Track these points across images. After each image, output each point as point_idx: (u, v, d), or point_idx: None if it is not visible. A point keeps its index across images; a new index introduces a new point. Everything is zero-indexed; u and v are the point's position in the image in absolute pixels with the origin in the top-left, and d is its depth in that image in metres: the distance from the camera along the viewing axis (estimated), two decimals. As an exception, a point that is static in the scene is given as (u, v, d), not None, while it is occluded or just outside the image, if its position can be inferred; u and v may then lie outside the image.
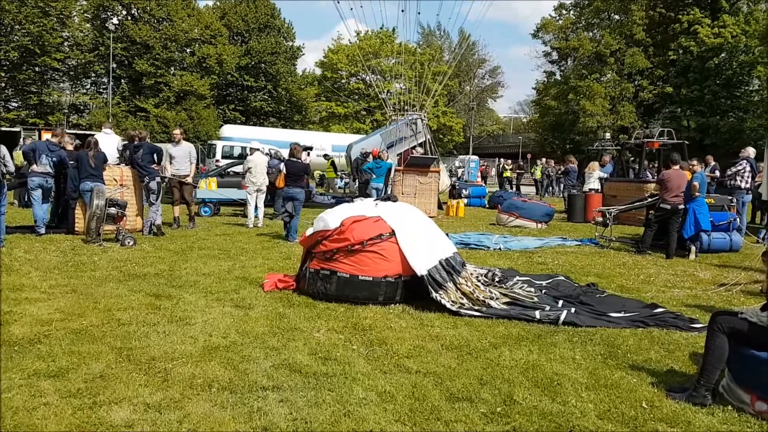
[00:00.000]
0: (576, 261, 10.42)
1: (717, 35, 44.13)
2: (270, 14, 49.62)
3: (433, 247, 6.81)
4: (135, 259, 9.11)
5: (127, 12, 43.72)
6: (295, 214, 11.73)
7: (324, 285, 6.77)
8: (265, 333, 5.53)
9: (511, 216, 15.57)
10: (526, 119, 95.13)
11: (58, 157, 11.50)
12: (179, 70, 44.79)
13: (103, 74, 44.53)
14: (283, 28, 50.77)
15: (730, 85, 45.04)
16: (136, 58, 42.30)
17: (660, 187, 11.46)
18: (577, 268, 9.67)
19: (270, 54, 47.86)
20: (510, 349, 5.18)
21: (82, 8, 43.14)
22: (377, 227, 6.74)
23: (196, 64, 44.43)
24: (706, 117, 44.74)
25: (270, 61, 48.04)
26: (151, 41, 41.85)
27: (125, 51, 42.56)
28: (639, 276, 9.16)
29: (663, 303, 7.09)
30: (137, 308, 6.25)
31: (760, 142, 43.59)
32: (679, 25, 45.87)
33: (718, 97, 45.19)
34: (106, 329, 5.49)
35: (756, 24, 44.26)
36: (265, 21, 49.08)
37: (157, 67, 42.52)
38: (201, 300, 6.72)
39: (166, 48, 42.87)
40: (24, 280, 7.42)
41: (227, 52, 45.08)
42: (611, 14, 52.27)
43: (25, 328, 5.42)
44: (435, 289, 6.41)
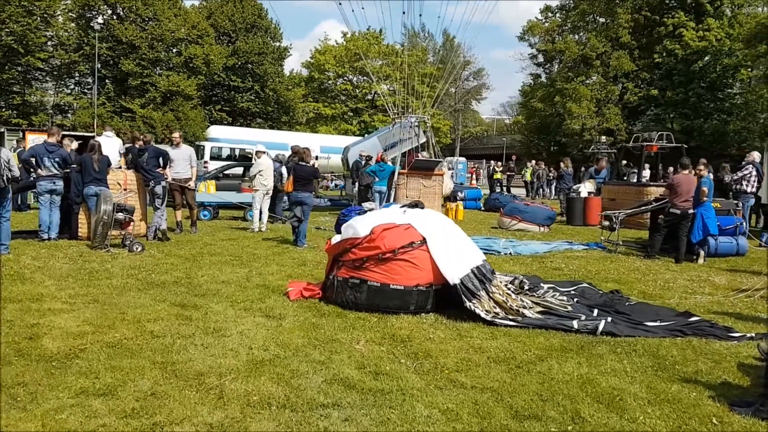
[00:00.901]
0: (589, 266, 10.40)
1: (702, 38, 44.55)
2: (257, 14, 49.28)
3: (464, 254, 6.73)
4: (148, 266, 8.93)
5: (113, 11, 43.18)
6: (304, 219, 11.60)
7: (354, 294, 6.66)
8: (304, 345, 5.41)
9: (514, 219, 15.55)
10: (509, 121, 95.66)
11: (59, 156, 11.24)
12: (166, 70, 44.30)
13: (87, 74, 43.91)
14: (270, 29, 50.44)
15: (714, 88, 45.51)
16: (122, 58, 41.77)
17: (669, 191, 11.48)
18: (593, 274, 9.65)
19: (257, 54, 47.53)
20: (558, 362, 5.11)
21: (66, 7, 42.54)
22: (408, 235, 6.64)
23: (182, 65, 43.96)
24: (690, 119, 45.16)
25: (257, 61, 47.71)
26: (137, 41, 41.36)
27: (111, 51, 42.02)
28: (656, 282, 9.15)
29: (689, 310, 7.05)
30: (167, 319, 6.10)
31: (744, 144, 44.31)
32: (664, 28, 46.26)
33: (702, 100, 45.64)
34: (142, 342, 5.35)
35: (740, 27, 44.75)
36: (252, 21, 48.74)
37: (144, 67, 42.02)
38: (229, 310, 6.58)
39: (153, 48, 42.38)
40: (41, 289, 7.23)
41: (214, 53, 44.69)
42: (597, 17, 52.61)
43: (57, 342, 5.26)
44: (468, 298, 6.33)
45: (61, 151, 11.33)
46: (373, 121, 52.32)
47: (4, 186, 9.38)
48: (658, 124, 47.74)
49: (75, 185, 11.32)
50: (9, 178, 9.42)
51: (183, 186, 12.58)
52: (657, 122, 48.02)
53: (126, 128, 40.89)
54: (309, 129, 51.67)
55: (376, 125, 50.60)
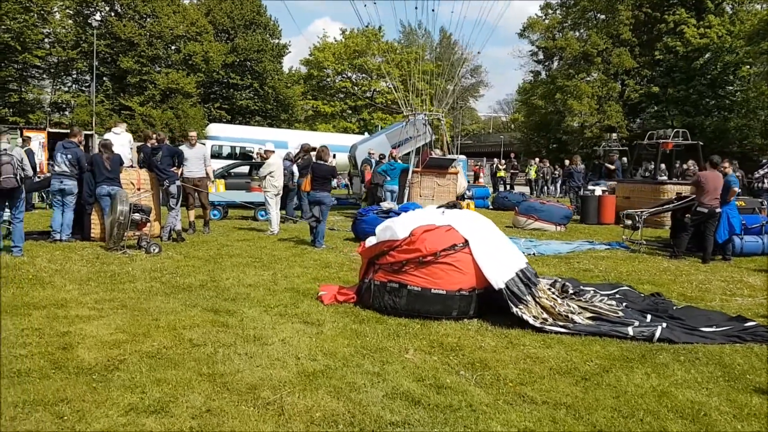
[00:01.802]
0: (618, 267, 10.15)
1: (703, 35, 44.38)
2: (256, 11, 48.85)
3: (508, 257, 6.47)
4: (169, 269, 8.65)
5: (111, 8, 42.74)
6: (322, 219, 11.32)
7: (392, 299, 6.40)
8: (352, 354, 5.14)
9: (530, 218, 15.31)
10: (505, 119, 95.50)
11: (73, 154, 10.92)
12: (165, 67, 43.87)
13: (85, 72, 43.45)
14: (269, 26, 50.03)
15: (715, 85, 45.36)
16: (121, 55, 41.32)
17: (696, 189, 11.24)
18: (624, 275, 9.40)
19: (256, 51, 47.12)
20: (625, 373, 4.85)
21: (64, 4, 42.04)
22: (450, 237, 6.37)
23: (181, 62, 43.55)
24: (692, 117, 44.96)
25: (256, 58, 47.30)
26: (135, 38, 40.92)
27: (109, 48, 41.59)
28: (692, 283, 8.90)
29: (741, 314, 6.80)
30: (203, 326, 5.83)
31: (745, 141, 44.22)
32: (665, 25, 46.08)
33: (703, 97, 45.51)
34: (182, 351, 5.07)
35: (741, 24, 44.62)
36: (251, 18, 48.30)
37: (142, 65, 41.59)
38: (264, 315, 6.30)
39: (152, 45, 41.95)
40: (63, 294, 6.95)
41: (213, 50, 44.29)
42: (597, 14, 52.37)
43: (93, 352, 4.98)
44: (515, 303, 6.07)
45: (75, 150, 11.02)
46: (372, 118, 52.00)
47: (18, 186, 9.09)
48: (659, 121, 47.59)
49: (87, 185, 11.02)
50: (22, 177, 9.13)
51: (197, 185, 12.30)
52: (658, 119, 47.87)
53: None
54: (308, 127, 51.27)
55: (375, 123, 50.32)
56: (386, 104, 53.31)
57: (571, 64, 50.61)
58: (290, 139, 39.04)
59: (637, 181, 18.41)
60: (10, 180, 8.94)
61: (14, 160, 8.97)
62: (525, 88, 57.55)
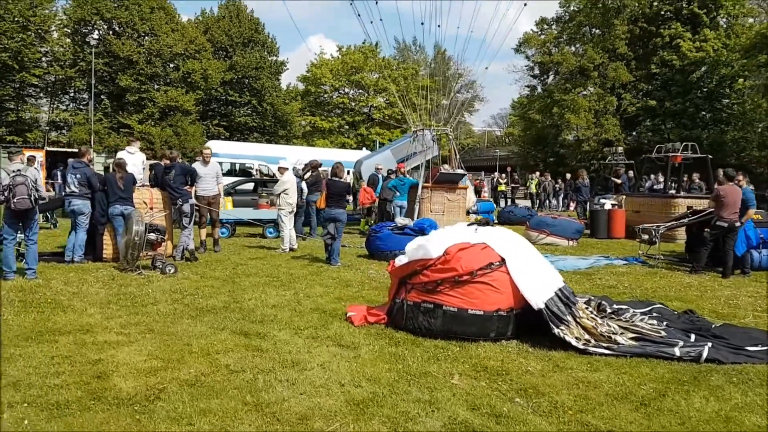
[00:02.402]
0: (641, 283, 10.03)
1: (699, 49, 44.62)
2: (254, 29, 48.89)
3: (546, 275, 6.32)
4: (188, 290, 8.47)
5: (109, 27, 42.67)
6: (337, 236, 11.16)
7: (427, 320, 6.24)
8: (396, 380, 4.98)
9: (542, 233, 15.18)
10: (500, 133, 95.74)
11: (82, 174, 10.74)
12: (163, 85, 43.77)
13: (83, 90, 43.33)
14: (267, 43, 50.05)
15: (711, 98, 45.54)
16: (119, 74, 41.22)
17: (715, 203, 11.13)
18: (649, 291, 9.27)
19: (254, 69, 47.10)
20: (683, 397, 4.70)
21: (62, 23, 41.99)
22: (485, 255, 6.23)
23: (180, 79, 43.48)
24: (689, 129, 45.07)
25: (254, 75, 47.28)
26: (134, 56, 40.85)
27: (107, 66, 41.48)
28: (719, 299, 8.78)
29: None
30: (236, 350, 5.66)
31: (742, 153, 44.33)
32: (661, 39, 46.34)
33: (700, 110, 45.68)
34: (221, 379, 4.90)
35: (736, 38, 44.88)
36: (249, 36, 48.31)
37: (141, 83, 41.49)
38: (296, 338, 6.14)
39: (150, 63, 41.88)
40: (86, 318, 6.76)
41: (212, 67, 44.26)
42: (593, 29, 52.62)
43: (130, 381, 4.80)
44: (555, 324, 5.91)
45: (84, 170, 10.84)
46: (369, 133, 52.00)
47: (32, 207, 8.91)
48: (656, 134, 47.75)
49: (99, 205, 10.84)
50: (36, 198, 8.94)
51: (211, 203, 12.17)
52: (654, 132, 48.02)
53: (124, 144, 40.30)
54: (305, 143, 51.22)
55: (373, 138, 50.31)
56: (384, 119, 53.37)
57: (568, 78, 50.77)
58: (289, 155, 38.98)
59: (646, 194, 18.30)
60: (25, 201, 8.76)
61: (28, 180, 8.80)
62: (521, 103, 57.68)
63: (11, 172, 8.79)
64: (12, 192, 8.69)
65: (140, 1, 41.90)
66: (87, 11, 40.60)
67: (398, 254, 11.60)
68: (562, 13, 53.58)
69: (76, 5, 41.21)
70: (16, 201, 8.71)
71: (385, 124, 53.29)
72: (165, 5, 44.40)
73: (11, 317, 6.72)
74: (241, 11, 49.26)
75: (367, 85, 53.45)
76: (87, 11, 40.60)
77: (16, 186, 8.70)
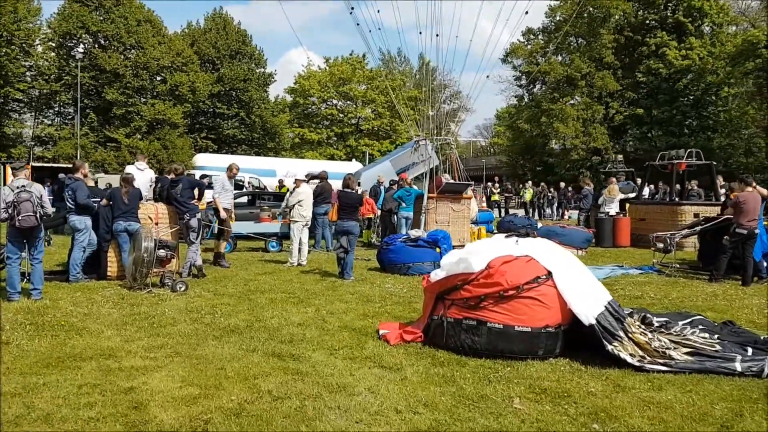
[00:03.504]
0: (666, 292, 9.80)
1: (685, 57, 44.91)
2: (241, 41, 48.56)
3: (595, 289, 6.04)
4: (205, 308, 8.11)
5: (94, 40, 42.11)
6: (350, 249, 10.84)
7: (470, 337, 5.93)
8: (455, 405, 4.66)
9: (550, 243, 14.91)
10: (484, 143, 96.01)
11: (72, 189, 10.29)
12: (151, 98, 43.25)
13: (69, 104, 42.65)
14: (254, 55, 49.72)
15: (698, 106, 45.82)
16: (106, 87, 40.65)
17: (735, 210, 10.94)
18: (676, 301, 9.05)
19: (242, 81, 46.74)
20: (763, 417, 4.43)
21: (46, 36, 41.39)
22: (531, 268, 5.94)
23: (168, 92, 42.99)
24: (676, 137, 45.29)
25: (242, 87, 46.90)
26: (120, 69, 40.32)
27: (93, 80, 40.85)
28: (751, 309, 8.57)
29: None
30: (274, 374, 5.32)
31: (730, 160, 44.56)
32: (647, 48, 46.61)
33: (687, 117, 45.94)
34: (267, 407, 4.57)
35: (721, 46, 45.25)
36: (236, 48, 47.97)
37: (128, 96, 40.93)
38: (333, 360, 5.81)
39: (137, 76, 41.36)
40: (105, 341, 6.39)
41: (200, 80, 43.82)
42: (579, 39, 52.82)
43: (170, 412, 4.45)
44: (608, 340, 5.63)
45: (73, 185, 10.36)
46: (359, 145, 51.78)
47: (37, 224, 8.50)
48: (644, 142, 47.98)
49: (104, 221, 10.45)
50: (42, 215, 8.54)
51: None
52: (642, 140, 48.22)
53: (111, 158, 39.75)
54: (294, 155, 50.89)
55: (362, 149, 50.12)
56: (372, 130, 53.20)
57: (555, 87, 50.89)
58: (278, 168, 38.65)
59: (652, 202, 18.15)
60: (30, 218, 8.36)
61: (33, 197, 8.41)
62: (509, 112, 57.73)
63: (15, 188, 8.40)
64: (17, 209, 8.30)
65: (126, 14, 41.43)
66: (72, 24, 40.07)
67: (412, 267, 11.43)
68: (549, 24, 53.81)
69: (61, 18, 40.67)
70: (21, 218, 8.31)
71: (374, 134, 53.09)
72: (152, 18, 43.94)
73: (24, 341, 6.34)
74: (228, 23, 48.94)
75: (355, 97, 53.26)
76: (72, 24, 40.07)
77: (20, 203, 8.31)
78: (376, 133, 53.27)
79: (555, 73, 49.62)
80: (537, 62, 53.64)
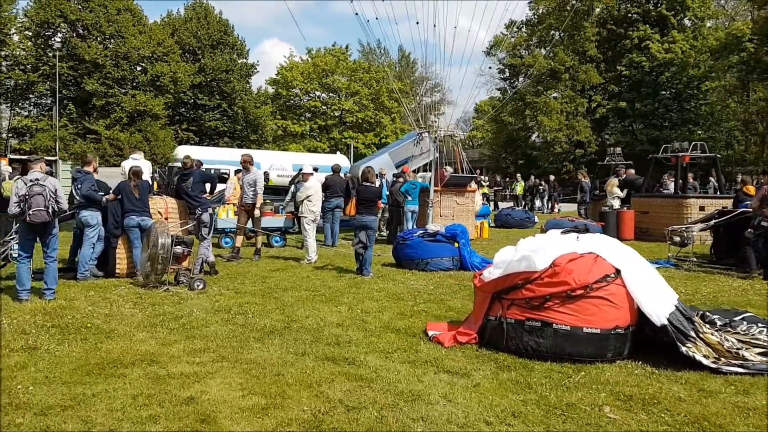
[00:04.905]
0: (695, 288, 9.64)
1: (668, 50, 45.14)
2: (223, 31, 47.61)
3: (663, 287, 5.80)
4: (232, 308, 7.73)
5: (73, 29, 41.02)
6: (369, 245, 10.50)
7: (534, 339, 5.64)
8: (545, 415, 4.37)
9: (560, 237, 14.70)
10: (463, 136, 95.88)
11: (80, 183, 9.84)
12: (131, 89, 42.26)
13: (47, 95, 41.53)
14: (236, 45, 48.82)
15: (680, 99, 46.08)
16: (85, 77, 39.61)
17: (761, 202, 10.80)
18: (710, 297, 8.88)
19: (224, 71, 45.87)
20: None
21: (23, 25, 40.20)
22: (599, 266, 5.66)
23: (149, 83, 42.05)
24: (658, 130, 45.53)
25: (224, 78, 46.03)
26: (100, 59, 39.31)
27: (72, 70, 39.77)
28: (791, 304, 8.39)
29: None
30: (337, 381, 4.99)
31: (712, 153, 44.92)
32: (630, 42, 46.77)
33: (669, 111, 46.19)
34: (345, 418, 4.24)
35: (703, 40, 45.56)
36: (218, 38, 47.03)
37: (108, 87, 39.91)
38: (391, 364, 5.48)
39: (118, 66, 40.38)
40: (141, 345, 5.98)
41: (181, 70, 42.94)
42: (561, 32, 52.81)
43: (244, 425, 4.11)
44: (681, 341, 5.38)
45: (83, 178, 9.89)
46: (343, 138, 51.22)
47: (49, 220, 8.03)
48: (626, 135, 48.18)
49: (113, 216, 9.97)
50: (54, 210, 8.05)
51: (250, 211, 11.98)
52: (624, 133, 48.41)
53: (91, 151, 38.78)
54: (277, 147, 50.16)
55: (347, 142, 49.56)
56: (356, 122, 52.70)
57: (539, 80, 50.86)
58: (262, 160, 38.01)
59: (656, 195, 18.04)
60: (41, 213, 7.88)
61: (46, 191, 7.93)
62: (493, 105, 57.60)
63: (29, 181, 7.93)
64: (28, 203, 7.83)
65: (106, 2, 40.38)
66: (50, 13, 38.92)
67: (431, 262, 11.12)
68: (531, 17, 53.75)
69: (38, 7, 39.48)
70: (32, 213, 7.84)
71: (358, 127, 52.59)
72: (132, 6, 42.91)
73: (53, 346, 5.92)
74: (209, 12, 47.94)
75: (339, 89, 52.69)
76: (50, 13, 38.92)
77: (32, 197, 7.84)
78: (360, 125, 52.72)
79: (539, 66, 49.57)
80: (521, 55, 53.63)
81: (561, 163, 49.20)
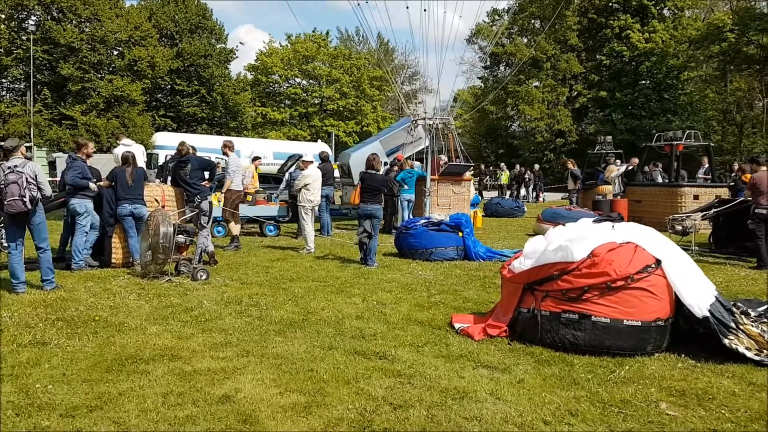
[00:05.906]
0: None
1: (648, 40, 45.34)
2: (201, 15, 46.70)
3: (703, 278, 5.63)
4: (242, 299, 7.45)
5: (47, 11, 39.91)
6: (374, 234, 10.24)
7: (571, 332, 5.43)
8: (600, 414, 4.16)
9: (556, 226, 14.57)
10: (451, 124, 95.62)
11: (69, 168, 9.43)
12: (108, 73, 41.30)
13: (20, 80, 40.47)
14: (215, 30, 47.94)
15: (659, 89, 46.34)
16: (60, 62, 38.60)
17: (752, 191, 10.73)
18: (723, 286, 8.74)
19: (203, 57, 45.03)
20: None
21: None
22: (640, 257, 5.46)
23: (126, 68, 41.13)
24: (638, 119, 45.76)
25: (203, 64, 45.19)
26: (76, 43, 38.33)
27: (47, 54, 38.72)
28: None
29: None
30: (374, 376, 4.76)
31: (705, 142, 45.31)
32: (611, 30, 46.88)
33: (649, 100, 46.44)
34: (393, 417, 4.00)
35: (683, 30, 45.83)
36: (196, 22, 46.12)
37: (84, 71, 38.93)
38: (425, 358, 5.25)
39: (94, 50, 39.41)
40: (157, 339, 5.68)
41: (159, 55, 42.07)
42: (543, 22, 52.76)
43: (289, 425, 3.87)
44: (723, 333, 5.23)
45: (73, 164, 9.46)
46: (324, 125, 50.76)
47: (26, 209, 7.50)
48: (606, 124, 48.34)
49: (108, 204, 9.58)
50: (33, 198, 7.54)
51: None
52: (604, 123, 48.57)
53: (67, 137, 37.86)
54: (256, 134, 49.51)
55: (328, 129, 49.13)
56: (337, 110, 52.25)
57: (521, 69, 50.81)
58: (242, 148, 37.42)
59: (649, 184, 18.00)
60: (16, 203, 7.34)
61: (22, 178, 7.41)
62: (475, 94, 57.42)
63: (6, 169, 7.47)
64: (3, 192, 7.39)
65: (82, -16, 39.38)
66: (23, -6, 37.87)
67: (435, 252, 10.89)
68: (513, 5, 53.62)
69: (11, -12, 38.38)
70: (7, 203, 7.39)
71: (339, 115, 52.12)
72: (108, -11, 41.91)
73: (64, 341, 5.59)
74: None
75: (319, 76, 52.13)
76: (23, -6, 37.87)
77: (8, 185, 7.35)
78: (341, 113, 52.27)
79: (521, 55, 49.49)
80: (502, 44, 53.50)
81: (542, 153, 49.25)
